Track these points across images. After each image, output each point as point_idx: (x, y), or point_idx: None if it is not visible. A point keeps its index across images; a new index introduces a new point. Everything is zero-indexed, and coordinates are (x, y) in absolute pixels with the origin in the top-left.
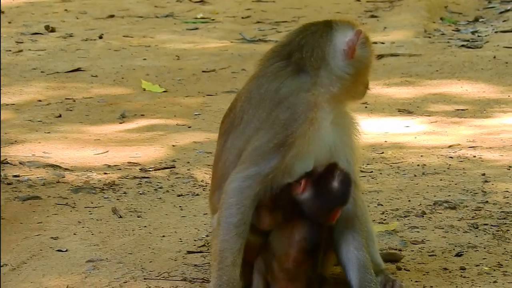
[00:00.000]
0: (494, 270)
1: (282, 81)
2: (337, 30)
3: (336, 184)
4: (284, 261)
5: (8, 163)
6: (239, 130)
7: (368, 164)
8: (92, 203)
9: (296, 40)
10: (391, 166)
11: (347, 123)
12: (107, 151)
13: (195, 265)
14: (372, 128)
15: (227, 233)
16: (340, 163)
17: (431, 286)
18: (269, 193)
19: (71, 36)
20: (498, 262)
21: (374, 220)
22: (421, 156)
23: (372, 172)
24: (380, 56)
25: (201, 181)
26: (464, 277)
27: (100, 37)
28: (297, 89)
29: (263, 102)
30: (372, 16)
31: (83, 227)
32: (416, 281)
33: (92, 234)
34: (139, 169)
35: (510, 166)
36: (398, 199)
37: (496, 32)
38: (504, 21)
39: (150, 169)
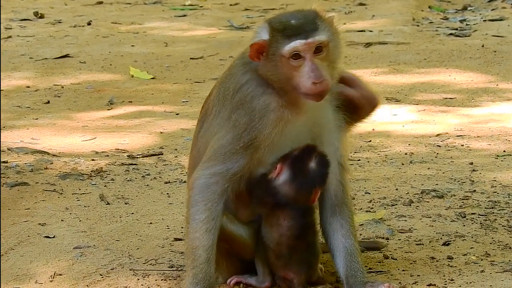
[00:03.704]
0: (482, 260)
1: (237, 80)
2: (256, 31)
3: (313, 165)
4: (278, 250)
5: None
6: (209, 121)
7: (355, 152)
8: (79, 189)
9: None
10: (378, 154)
11: (325, 108)
12: (95, 138)
13: (182, 252)
14: (366, 120)
15: (196, 231)
16: (324, 148)
17: (418, 275)
18: (244, 185)
19: (59, 22)
20: (486, 252)
21: (361, 209)
22: (409, 144)
23: (359, 160)
24: (368, 44)
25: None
26: (451, 266)
27: (89, 24)
28: (251, 92)
29: (226, 100)
30: (361, 4)
31: (70, 214)
32: (403, 270)
33: (80, 221)
34: (127, 155)
35: (498, 155)
36: (385, 187)
37: (484, 20)
38: (493, 9)
39: (138, 156)
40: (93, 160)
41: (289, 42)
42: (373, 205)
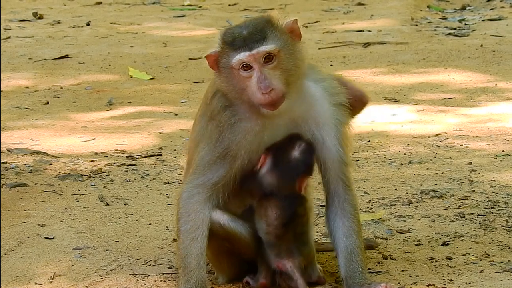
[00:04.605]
0: (481, 260)
1: (210, 91)
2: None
3: (296, 153)
4: (267, 240)
5: None
6: (196, 117)
7: (354, 152)
8: (79, 190)
9: None
10: (377, 154)
11: (314, 106)
12: (94, 139)
13: None
14: (358, 117)
15: (184, 240)
16: (321, 144)
17: (417, 276)
18: (235, 182)
19: (58, 23)
20: (485, 252)
21: (360, 209)
22: (408, 144)
23: (358, 160)
24: (367, 44)
25: None
26: (450, 266)
27: (88, 24)
28: (217, 104)
29: (206, 107)
30: (359, 4)
31: (70, 215)
32: (403, 270)
33: (79, 222)
34: (126, 156)
35: (496, 155)
36: (384, 187)
37: (483, 20)
38: (491, 9)
39: (137, 157)
40: (92, 161)
41: (235, 54)
42: (372, 205)
